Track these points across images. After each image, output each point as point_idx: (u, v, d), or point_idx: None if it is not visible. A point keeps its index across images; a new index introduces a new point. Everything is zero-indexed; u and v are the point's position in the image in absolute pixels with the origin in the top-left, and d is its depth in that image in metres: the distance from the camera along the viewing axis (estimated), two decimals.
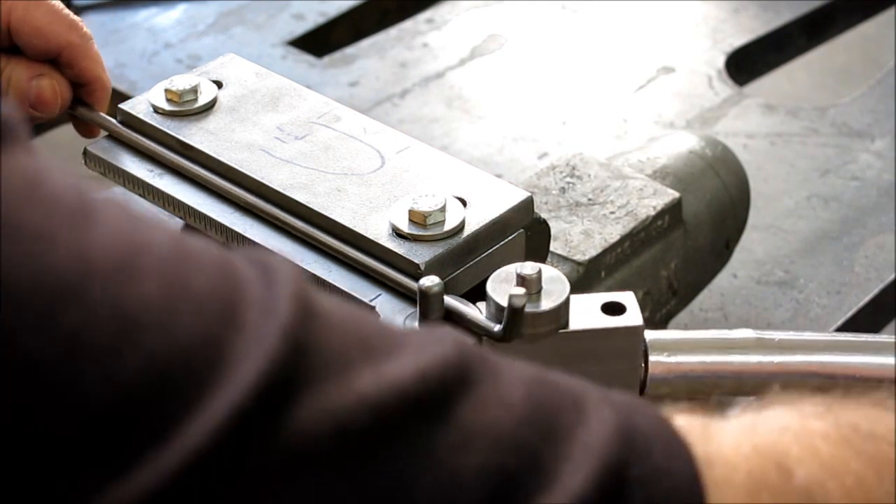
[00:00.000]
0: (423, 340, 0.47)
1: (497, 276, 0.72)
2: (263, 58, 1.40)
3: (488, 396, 0.46)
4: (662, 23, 1.50)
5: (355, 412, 0.43)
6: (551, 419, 0.47)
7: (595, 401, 0.49)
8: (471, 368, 0.47)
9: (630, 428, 0.48)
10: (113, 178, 0.88)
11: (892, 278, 1.13)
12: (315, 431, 0.42)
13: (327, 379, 0.43)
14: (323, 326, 0.45)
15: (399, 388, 0.44)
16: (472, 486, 0.44)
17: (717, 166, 1.01)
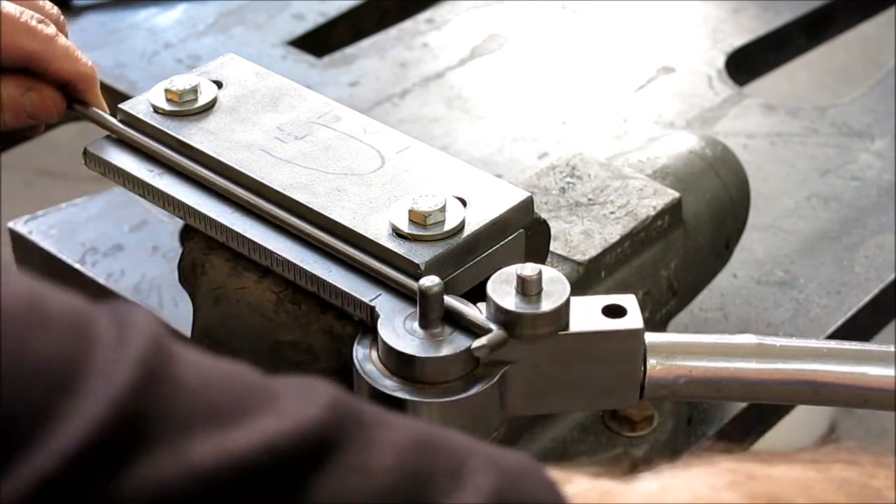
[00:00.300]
0: (290, 400, 0.45)
1: (498, 278, 0.72)
2: (263, 58, 1.40)
3: (349, 466, 0.44)
4: (662, 23, 1.50)
5: (184, 483, 0.41)
6: (420, 490, 0.45)
7: (477, 466, 0.46)
8: (338, 431, 0.45)
9: (510, 497, 0.45)
10: (113, 178, 0.88)
11: (892, 278, 1.13)
12: (136, 501, 0.40)
13: (160, 447, 0.41)
14: (167, 392, 0.43)
15: (238, 458, 0.42)
16: None
17: (717, 166, 1.01)
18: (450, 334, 0.72)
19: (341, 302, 0.77)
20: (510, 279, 0.72)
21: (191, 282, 0.85)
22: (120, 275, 1.13)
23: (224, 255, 0.83)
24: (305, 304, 0.79)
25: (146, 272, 1.14)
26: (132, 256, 1.16)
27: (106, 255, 1.16)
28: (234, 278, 0.82)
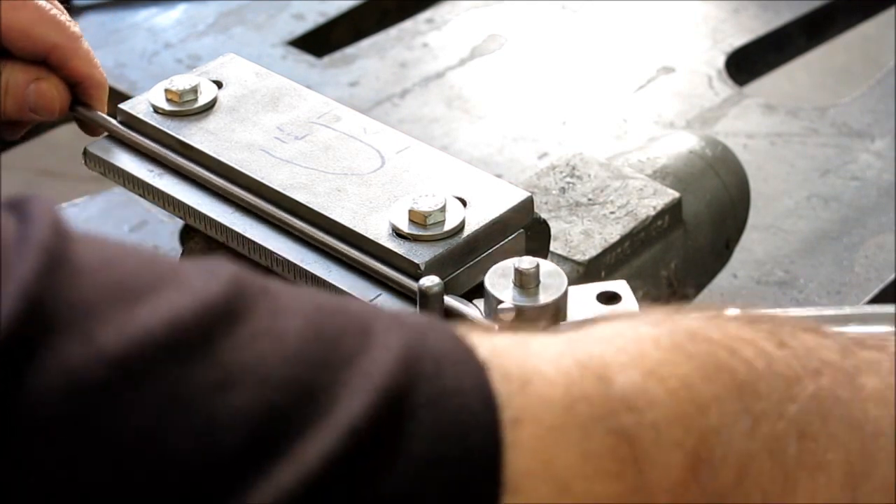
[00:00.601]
0: (191, 276, 0.46)
1: (495, 271, 0.73)
2: (263, 58, 1.40)
3: (258, 331, 0.45)
4: (662, 23, 1.50)
5: (91, 367, 0.41)
6: (330, 349, 0.45)
7: (384, 326, 0.47)
8: (243, 301, 0.45)
9: (418, 350, 0.46)
10: (113, 178, 0.88)
11: (892, 278, 1.13)
12: (49, 392, 0.41)
13: (68, 334, 0.42)
14: (70, 277, 0.43)
15: (144, 335, 0.43)
16: (232, 426, 0.42)
17: (717, 166, 1.01)
18: None
19: None
20: (508, 273, 0.72)
21: None
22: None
23: (224, 255, 0.83)
24: None
25: None
26: None
27: None
28: None
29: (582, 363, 0.49)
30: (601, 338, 0.51)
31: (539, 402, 0.47)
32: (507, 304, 0.70)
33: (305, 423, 0.43)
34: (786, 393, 0.52)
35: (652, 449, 0.48)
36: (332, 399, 0.44)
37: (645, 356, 0.50)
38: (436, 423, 0.45)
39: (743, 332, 0.53)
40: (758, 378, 0.52)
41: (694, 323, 0.53)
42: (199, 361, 0.43)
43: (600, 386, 0.49)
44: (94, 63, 0.90)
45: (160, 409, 0.42)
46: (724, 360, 0.52)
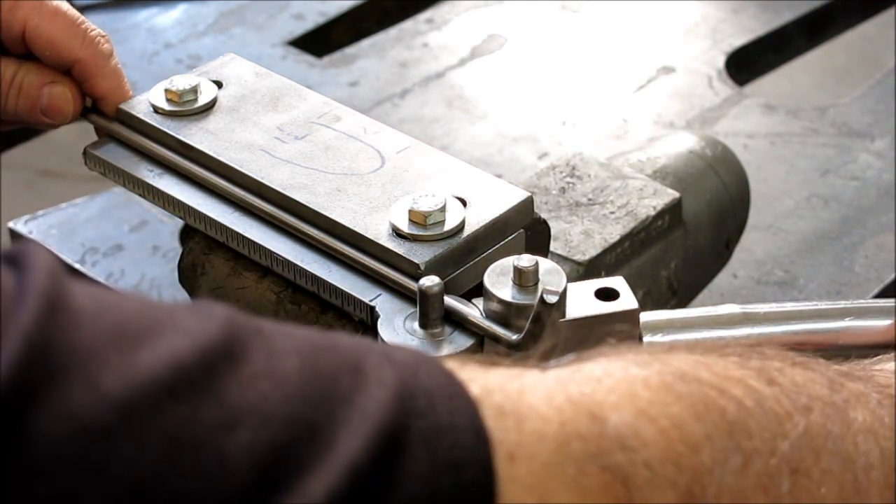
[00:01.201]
0: (186, 319, 0.46)
1: (494, 269, 0.73)
2: (263, 58, 1.40)
3: (258, 371, 0.45)
4: (662, 23, 1.50)
5: (98, 409, 0.42)
6: (327, 388, 0.46)
7: (375, 363, 0.48)
8: (238, 344, 0.46)
9: (412, 387, 0.47)
10: (113, 178, 0.88)
11: (892, 278, 1.13)
12: (54, 436, 0.41)
13: (71, 378, 0.42)
14: (70, 322, 0.44)
15: (146, 377, 0.43)
16: (240, 463, 0.43)
17: (717, 166, 1.01)
18: (450, 334, 0.72)
19: (341, 302, 0.77)
20: (507, 271, 0.72)
21: (191, 282, 0.85)
22: (120, 275, 1.13)
23: (224, 255, 0.83)
24: (305, 304, 0.79)
25: (146, 272, 1.14)
26: (132, 256, 1.16)
27: (106, 255, 1.16)
28: (234, 278, 0.82)
29: (574, 401, 0.50)
30: (591, 377, 0.52)
31: (534, 438, 0.48)
32: (553, 288, 0.70)
33: (309, 459, 0.44)
34: (777, 430, 0.53)
35: (646, 487, 0.49)
36: (332, 436, 0.45)
37: (635, 396, 0.51)
38: (431, 460, 0.45)
39: (731, 372, 0.54)
40: (748, 416, 0.52)
41: (682, 363, 0.54)
42: (203, 401, 0.44)
43: (593, 424, 0.49)
44: (120, 82, 0.89)
45: (168, 450, 0.43)
46: (713, 399, 0.52)
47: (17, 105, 0.87)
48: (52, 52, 0.86)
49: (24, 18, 0.85)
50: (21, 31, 0.86)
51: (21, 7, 0.85)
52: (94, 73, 0.88)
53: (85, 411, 0.42)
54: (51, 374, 0.42)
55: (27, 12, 0.85)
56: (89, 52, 0.87)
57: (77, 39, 0.87)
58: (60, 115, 0.88)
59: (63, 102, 0.88)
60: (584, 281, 0.75)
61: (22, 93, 0.87)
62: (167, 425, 0.43)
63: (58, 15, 0.86)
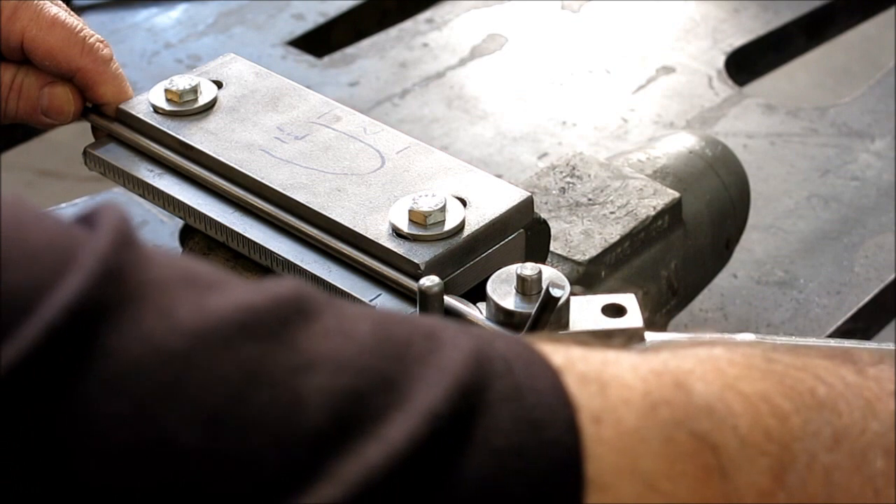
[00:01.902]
0: (262, 281, 0.47)
1: (497, 277, 0.72)
2: (263, 58, 1.40)
3: (330, 328, 0.46)
4: (662, 23, 1.50)
5: (171, 337, 0.42)
6: (402, 348, 0.46)
7: (451, 332, 0.48)
8: (310, 304, 0.46)
9: (488, 351, 0.47)
10: (113, 178, 0.88)
11: (892, 278, 1.13)
12: (130, 354, 0.42)
13: (144, 305, 0.43)
14: (141, 257, 0.44)
15: (219, 314, 0.44)
16: (315, 404, 0.43)
17: (717, 166, 1.01)
18: None
19: None
20: (510, 279, 0.72)
21: None
22: None
23: (224, 255, 0.83)
24: None
25: None
26: None
27: None
28: None
29: (658, 372, 0.50)
30: (675, 353, 0.52)
31: (619, 403, 0.48)
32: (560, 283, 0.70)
33: (387, 407, 0.44)
34: (867, 410, 0.52)
35: (736, 455, 0.49)
36: (409, 389, 0.44)
37: (721, 371, 0.51)
38: (513, 417, 0.45)
39: (818, 360, 0.54)
40: (838, 396, 0.52)
41: (764, 351, 0.54)
42: (277, 345, 0.44)
43: (679, 393, 0.49)
44: (122, 86, 0.89)
45: (243, 382, 0.43)
46: (801, 379, 0.52)
47: (17, 108, 0.87)
48: (51, 62, 0.86)
49: (21, 30, 0.85)
50: (19, 42, 0.85)
51: (19, 18, 0.85)
52: (95, 80, 0.87)
53: (159, 336, 0.42)
54: (125, 298, 0.43)
55: (25, 23, 0.85)
56: (89, 60, 0.87)
57: (76, 49, 0.86)
58: (61, 115, 0.88)
59: (63, 102, 0.87)
60: (595, 295, 0.74)
61: (22, 95, 0.87)
62: (241, 360, 0.43)
63: (56, 25, 0.86)
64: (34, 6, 0.85)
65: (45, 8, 0.86)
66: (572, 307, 0.72)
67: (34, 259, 0.43)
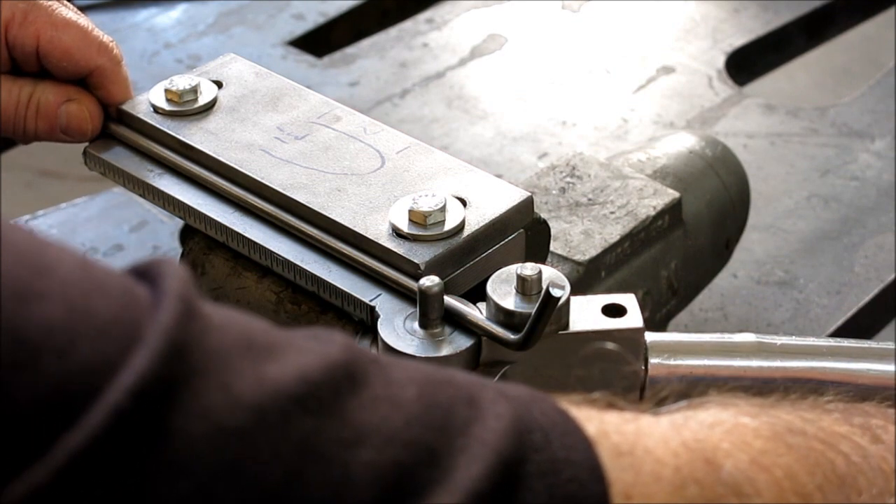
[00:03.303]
0: (308, 341, 0.48)
1: (497, 277, 0.72)
2: (263, 58, 1.40)
3: (378, 396, 0.46)
4: (662, 23, 1.50)
5: (233, 412, 0.43)
6: (445, 417, 0.47)
7: (491, 396, 0.48)
8: (359, 369, 0.47)
9: (527, 421, 0.48)
10: (113, 178, 0.88)
11: (892, 278, 1.13)
12: (194, 433, 0.42)
13: (206, 379, 0.43)
14: (204, 327, 0.45)
15: (278, 387, 0.44)
16: (364, 480, 0.44)
17: (717, 166, 1.01)
18: (450, 334, 0.72)
19: (341, 302, 0.77)
20: (510, 279, 0.72)
21: None
22: None
23: (224, 255, 0.83)
24: (305, 304, 0.79)
25: None
26: (132, 256, 1.16)
27: (106, 255, 1.16)
28: (234, 278, 0.82)
29: (689, 447, 0.51)
30: (704, 423, 0.53)
31: (650, 479, 0.49)
32: (560, 284, 0.70)
33: (430, 482, 0.45)
34: (885, 486, 0.54)
35: None
36: (452, 462, 0.45)
37: (748, 445, 0.52)
38: (549, 494, 0.46)
39: (837, 428, 0.55)
40: (857, 472, 0.53)
41: (789, 416, 0.55)
42: (330, 417, 0.45)
43: (709, 470, 0.50)
44: (129, 88, 0.89)
45: (298, 459, 0.44)
46: (822, 452, 0.53)
47: (36, 126, 0.87)
48: (69, 62, 0.86)
49: (36, 33, 0.85)
50: (35, 47, 0.85)
51: (33, 22, 0.85)
52: (109, 79, 0.87)
53: (220, 412, 0.43)
54: (188, 373, 0.43)
55: (39, 26, 0.85)
56: (106, 59, 0.87)
57: (93, 48, 0.86)
58: (80, 133, 0.88)
59: (81, 121, 0.87)
60: (595, 295, 0.74)
61: (40, 113, 0.86)
62: (297, 435, 0.44)
63: (70, 25, 0.85)
64: (45, 9, 0.85)
65: (57, 9, 0.85)
66: (572, 307, 0.72)
67: (101, 335, 0.43)
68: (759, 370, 0.74)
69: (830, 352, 0.75)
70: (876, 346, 0.76)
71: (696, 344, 0.76)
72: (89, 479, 0.41)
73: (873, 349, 0.76)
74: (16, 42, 0.85)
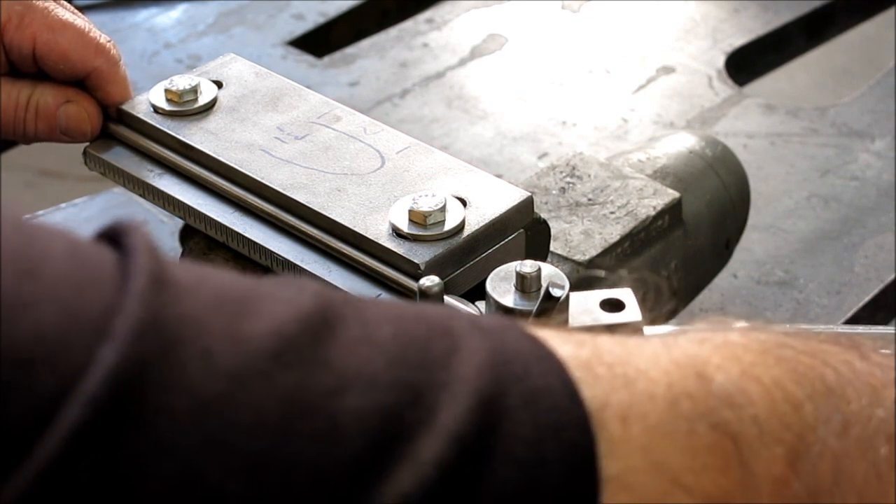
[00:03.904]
0: (280, 290, 0.47)
1: (497, 275, 0.72)
2: (263, 58, 1.40)
3: (356, 337, 0.46)
4: (662, 23, 1.50)
5: (212, 380, 0.43)
6: (423, 352, 0.47)
7: (465, 328, 0.48)
8: (333, 313, 0.47)
9: (504, 353, 0.48)
10: (113, 178, 0.88)
11: (892, 278, 1.13)
12: (174, 408, 0.42)
13: (183, 348, 0.43)
14: (176, 295, 0.45)
15: (255, 346, 0.44)
16: (352, 427, 0.44)
17: (717, 166, 1.01)
18: None
19: None
20: (509, 276, 0.72)
21: None
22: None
23: (224, 255, 0.83)
24: None
25: None
26: None
27: None
28: None
29: (679, 363, 0.51)
30: (693, 340, 0.53)
31: (644, 398, 0.49)
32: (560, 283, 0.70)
33: (415, 424, 0.44)
34: (873, 397, 0.54)
35: (755, 443, 0.50)
36: (434, 400, 0.45)
37: (738, 358, 0.52)
38: (533, 423, 0.46)
39: (825, 346, 0.56)
40: (846, 383, 0.54)
41: (778, 335, 0.55)
42: (311, 368, 0.44)
43: (701, 384, 0.50)
44: (128, 88, 0.89)
45: (283, 417, 0.43)
46: (811, 366, 0.54)
47: (36, 128, 0.87)
48: (66, 65, 0.86)
49: (32, 35, 0.84)
50: (31, 49, 0.85)
51: (29, 24, 0.84)
52: (107, 80, 0.87)
53: (199, 383, 0.43)
54: (165, 346, 0.43)
55: (36, 28, 0.84)
56: (103, 60, 0.86)
57: (90, 49, 0.86)
58: (80, 134, 0.88)
59: (80, 122, 0.87)
60: (591, 290, 0.74)
61: (39, 115, 0.86)
62: (280, 393, 0.43)
63: (66, 27, 0.85)
64: (42, 10, 0.85)
65: (54, 11, 0.85)
66: (571, 303, 0.72)
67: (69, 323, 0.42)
68: None
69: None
70: (871, 330, 0.77)
71: None
72: (72, 476, 0.40)
73: (867, 335, 0.76)
74: (12, 45, 0.85)
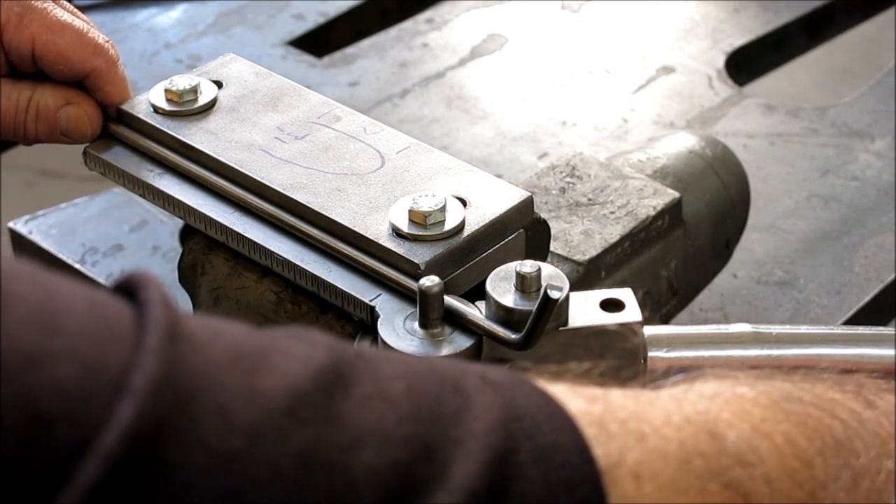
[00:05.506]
0: (293, 345, 0.47)
1: (497, 275, 0.72)
2: (263, 58, 1.40)
3: (369, 393, 0.46)
4: (662, 23, 1.50)
5: (228, 436, 0.43)
6: (435, 408, 0.47)
7: (476, 384, 0.49)
8: (347, 368, 0.47)
9: (514, 409, 0.48)
10: (113, 178, 0.88)
11: (892, 278, 1.13)
12: (190, 464, 0.42)
13: (199, 403, 0.43)
14: (191, 349, 0.45)
15: (271, 402, 0.44)
16: (367, 483, 0.44)
17: (717, 166, 1.01)
18: (450, 334, 0.72)
19: (341, 302, 0.77)
20: (509, 276, 0.72)
21: (191, 282, 0.85)
22: (120, 275, 1.13)
23: (224, 255, 0.83)
24: (305, 304, 0.79)
25: None
26: (132, 256, 1.16)
27: (106, 255, 1.16)
28: (234, 278, 0.82)
29: (690, 419, 0.51)
30: (703, 395, 0.53)
31: (656, 456, 0.49)
32: (559, 284, 0.70)
33: (429, 479, 0.45)
34: (882, 449, 0.54)
35: (766, 502, 0.50)
36: (447, 456, 0.45)
37: (748, 413, 0.52)
38: (545, 481, 0.46)
39: (832, 394, 0.56)
40: (854, 436, 0.54)
41: (784, 385, 0.55)
42: (326, 424, 0.45)
43: (712, 441, 0.51)
44: (127, 87, 0.89)
45: (299, 472, 0.43)
46: (819, 419, 0.54)
47: (36, 130, 0.87)
48: (65, 65, 0.86)
49: (31, 36, 0.84)
50: (30, 50, 0.85)
51: (28, 25, 0.84)
52: (106, 81, 0.87)
53: (216, 439, 0.43)
54: (181, 401, 0.43)
55: (35, 29, 0.84)
56: (101, 60, 0.86)
57: (88, 50, 0.86)
58: (80, 136, 0.88)
59: (80, 124, 0.87)
60: (591, 290, 0.74)
61: (39, 117, 0.86)
62: (295, 448, 0.44)
63: (65, 28, 0.85)
64: (41, 11, 0.85)
65: (53, 11, 0.85)
66: (571, 303, 0.72)
67: (89, 379, 0.42)
68: (756, 359, 0.75)
69: (825, 339, 0.76)
70: (871, 331, 0.77)
71: (693, 336, 0.76)
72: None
73: (869, 335, 0.76)
74: (11, 45, 0.85)
